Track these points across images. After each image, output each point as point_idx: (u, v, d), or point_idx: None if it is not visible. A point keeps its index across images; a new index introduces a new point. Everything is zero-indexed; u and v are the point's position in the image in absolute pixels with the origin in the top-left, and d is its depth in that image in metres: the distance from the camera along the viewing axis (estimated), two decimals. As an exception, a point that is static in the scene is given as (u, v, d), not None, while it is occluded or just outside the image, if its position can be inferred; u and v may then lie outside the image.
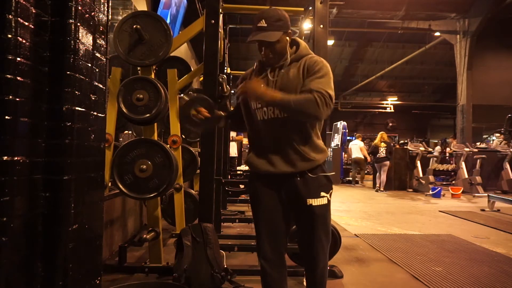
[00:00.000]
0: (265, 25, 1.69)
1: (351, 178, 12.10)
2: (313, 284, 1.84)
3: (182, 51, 7.06)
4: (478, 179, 9.58)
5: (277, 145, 1.75)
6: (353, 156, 11.57)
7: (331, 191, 1.80)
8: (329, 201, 1.78)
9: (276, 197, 1.79)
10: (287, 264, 1.89)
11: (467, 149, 10.21)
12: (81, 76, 1.47)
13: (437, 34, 13.65)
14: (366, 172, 12.72)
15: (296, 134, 1.74)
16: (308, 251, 1.81)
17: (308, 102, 1.61)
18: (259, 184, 1.82)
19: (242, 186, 4.43)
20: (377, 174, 10.09)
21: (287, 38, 1.77)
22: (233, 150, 7.79)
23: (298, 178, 1.74)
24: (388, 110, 22.10)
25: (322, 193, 1.75)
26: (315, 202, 1.73)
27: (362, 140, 12.46)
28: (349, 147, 11.92)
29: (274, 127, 1.74)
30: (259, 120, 1.78)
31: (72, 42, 1.42)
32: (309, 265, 1.84)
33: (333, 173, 1.98)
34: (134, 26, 2.73)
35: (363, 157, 11.28)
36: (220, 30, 3.06)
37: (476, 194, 9.29)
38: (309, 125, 1.76)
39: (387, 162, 9.84)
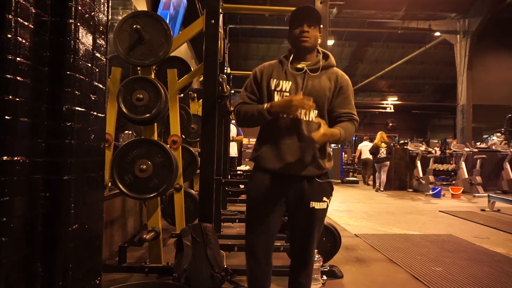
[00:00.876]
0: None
1: (356, 179, 12.25)
2: (298, 285, 1.87)
3: (182, 51, 7.06)
4: (478, 179, 9.58)
5: (298, 148, 1.76)
6: (363, 157, 11.74)
7: (331, 197, 1.86)
8: (327, 205, 1.85)
9: (279, 198, 1.81)
10: (284, 264, 1.92)
11: (467, 149, 10.21)
12: (81, 76, 1.47)
13: (437, 34, 13.65)
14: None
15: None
16: (303, 250, 1.85)
17: (352, 132, 1.83)
18: (265, 183, 1.81)
19: (242, 186, 4.43)
20: (377, 174, 10.10)
21: (319, 35, 1.86)
22: (233, 150, 7.76)
23: (306, 182, 1.78)
24: (388, 110, 22.10)
25: (324, 198, 1.81)
26: (317, 205, 1.79)
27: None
28: (359, 148, 12.06)
29: (300, 130, 1.75)
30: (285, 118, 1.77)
31: (72, 42, 1.42)
32: (301, 264, 1.88)
33: (338, 181, 2.09)
34: (134, 26, 2.73)
35: (371, 158, 11.36)
36: (220, 30, 3.06)
37: (476, 194, 9.28)
38: None
39: (387, 162, 9.85)
